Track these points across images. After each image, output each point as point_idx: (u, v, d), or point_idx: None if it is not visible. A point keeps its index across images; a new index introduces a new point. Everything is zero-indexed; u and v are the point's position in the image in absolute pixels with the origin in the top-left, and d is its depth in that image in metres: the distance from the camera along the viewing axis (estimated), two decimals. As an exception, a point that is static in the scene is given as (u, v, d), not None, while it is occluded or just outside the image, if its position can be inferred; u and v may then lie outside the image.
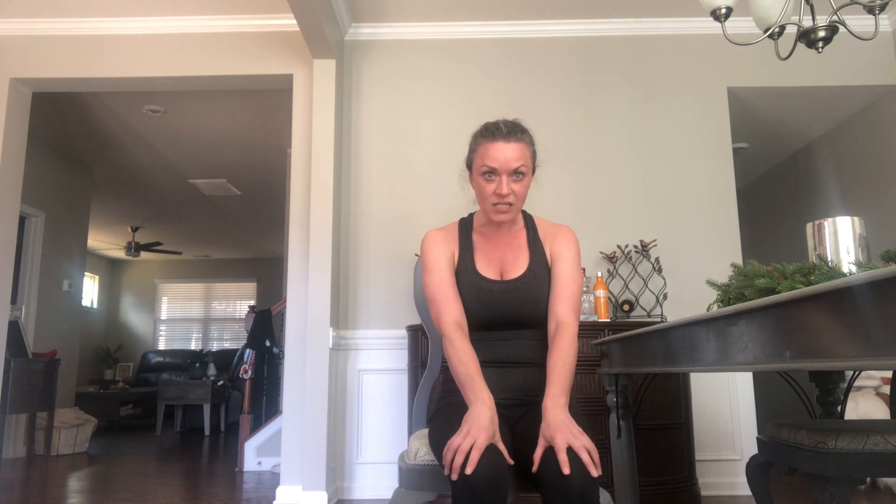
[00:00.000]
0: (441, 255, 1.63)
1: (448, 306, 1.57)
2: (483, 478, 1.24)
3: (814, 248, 1.45)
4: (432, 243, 1.65)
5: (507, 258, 1.66)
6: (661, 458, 2.98)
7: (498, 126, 1.57)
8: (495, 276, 1.64)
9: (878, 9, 1.97)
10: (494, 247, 1.68)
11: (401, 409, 3.46)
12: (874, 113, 4.11)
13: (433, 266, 1.62)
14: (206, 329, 10.76)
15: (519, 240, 1.69)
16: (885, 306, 0.77)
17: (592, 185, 3.67)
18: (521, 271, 1.63)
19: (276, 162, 5.96)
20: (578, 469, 1.27)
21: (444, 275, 1.60)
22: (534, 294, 1.61)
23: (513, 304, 1.60)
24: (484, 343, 1.62)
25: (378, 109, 3.77)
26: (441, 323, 1.57)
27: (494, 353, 1.62)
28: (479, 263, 1.65)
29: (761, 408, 3.88)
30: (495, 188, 1.54)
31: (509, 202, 1.56)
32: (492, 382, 1.53)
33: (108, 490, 3.68)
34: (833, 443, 1.39)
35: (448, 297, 1.58)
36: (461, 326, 1.55)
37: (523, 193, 1.59)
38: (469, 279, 1.63)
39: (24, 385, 4.21)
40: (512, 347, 1.62)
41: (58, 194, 5.78)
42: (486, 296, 1.60)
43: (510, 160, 1.53)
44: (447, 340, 1.53)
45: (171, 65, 3.70)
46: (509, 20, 3.78)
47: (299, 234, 3.48)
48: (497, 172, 1.54)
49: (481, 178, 1.57)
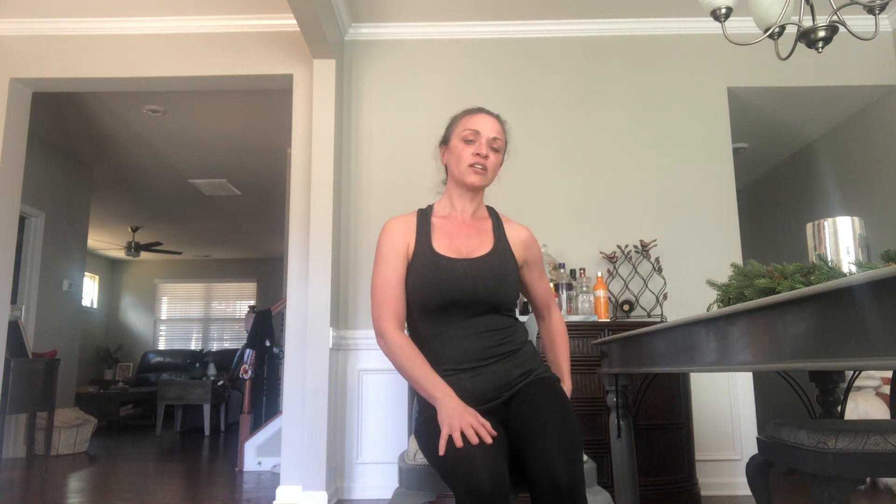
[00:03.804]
0: (394, 248, 1.62)
1: (391, 306, 1.57)
2: (487, 484, 1.25)
3: (814, 248, 1.45)
4: (388, 233, 1.64)
5: (470, 242, 1.66)
6: (661, 458, 2.98)
7: (479, 107, 1.75)
8: (457, 256, 1.62)
9: (878, 9, 1.97)
10: (456, 231, 1.68)
11: (401, 409, 3.46)
12: (874, 113, 4.11)
13: (383, 258, 1.61)
14: (206, 329, 10.75)
15: (483, 227, 1.71)
16: (885, 306, 0.77)
17: (592, 185, 3.67)
18: (485, 251, 1.64)
19: (276, 162, 5.96)
20: (566, 468, 1.29)
21: (392, 271, 1.59)
22: (498, 271, 1.60)
23: (477, 280, 1.57)
24: (447, 337, 1.56)
25: (378, 109, 3.77)
26: (382, 323, 1.55)
27: (458, 349, 1.55)
28: (437, 245, 1.63)
29: (761, 408, 3.88)
30: (475, 149, 1.65)
31: (486, 165, 1.65)
32: (462, 392, 1.47)
33: (108, 490, 3.68)
34: (833, 443, 1.39)
35: (392, 296, 1.57)
36: (399, 324, 1.57)
37: (495, 166, 1.69)
38: (427, 258, 1.60)
39: (24, 385, 4.20)
40: (474, 340, 1.56)
41: (58, 194, 5.78)
42: (446, 273, 1.57)
43: (490, 129, 1.67)
44: (390, 343, 1.53)
45: (171, 65, 3.70)
46: (509, 20, 3.78)
47: (299, 234, 3.47)
48: (478, 136, 1.66)
49: (461, 143, 1.67)
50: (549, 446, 1.34)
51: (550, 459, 1.31)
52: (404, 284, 1.60)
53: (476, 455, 1.30)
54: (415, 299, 1.59)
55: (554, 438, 1.36)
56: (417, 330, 1.62)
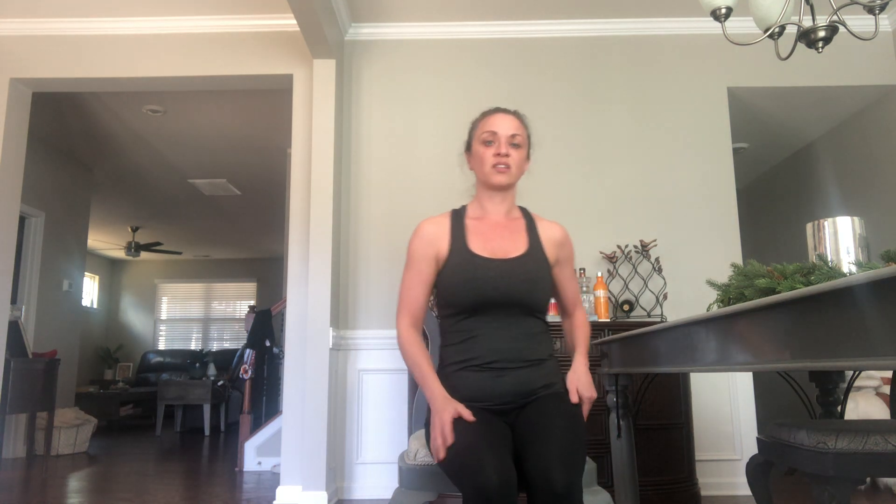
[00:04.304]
0: (422, 251, 1.66)
1: (408, 306, 1.64)
2: (494, 483, 1.27)
3: (814, 248, 1.45)
4: (418, 236, 1.68)
5: (503, 242, 1.66)
6: (661, 458, 2.98)
7: (496, 107, 1.75)
8: (492, 256, 1.63)
9: (878, 9, 1.97)
10: (490, 232, 1.68)
11: (401, 409, 3.46)
12: (874, 113, 4.11)
13: (411, 261, 1.67)
14: (206, 329, 10.75)
15: (517, 227, 1.71)
16: (885, 306, 0.77)
17: (592, 185, 3.67)
18: (519, 252, 1.64)
19: (276, 162, 5.96)
20: (562, 472, 1.30)
21: (415, 273, 1.65)
22: (532, 274, 1.61)
23: (510, 280, 1.58)
24: (476, 335, 1.58)
25: (378, 109, 3.77)
26: (398, 319, 1.65)
27: (487, 348, 1.57)
28: (472, 244, 1.64)
29: (761, 408, 3.88)
30: (495, 150, 1.65)
31: (508, 163, 1.64)
32: (487, 388, 1.53)
33: (108, 490, 3.68)
34: (833, 443, 1.39)
35: (411, 297, 1.64)
36: (417, 328, 1.65)
37: (519, 162, 1.69)
38: (463, 257, 1.62)
39: (24, 385, 4.21)
40: (505, 341, 1.57)
41: (58, 194, 5.78)
42: (481, 272, 1.59)
43: (508, 127, 1.67)
44: (400, 339, 1.63)
45: (171, 65, 3.70)
46: (509, 20, 3.78)
47: (299, 234, 3.47)
48: (496, 136, 1.66)
49: (481, 146, 1.68)
50: (548, 449, 1.35)
51: (548, 462, 1.32)
52: (426, 287, 1.65)
53: (484, 454, 1.32)
54: (449, 297, 1.63)
55: (555, 443, 1.36)
56: (450, 326, 1.64)
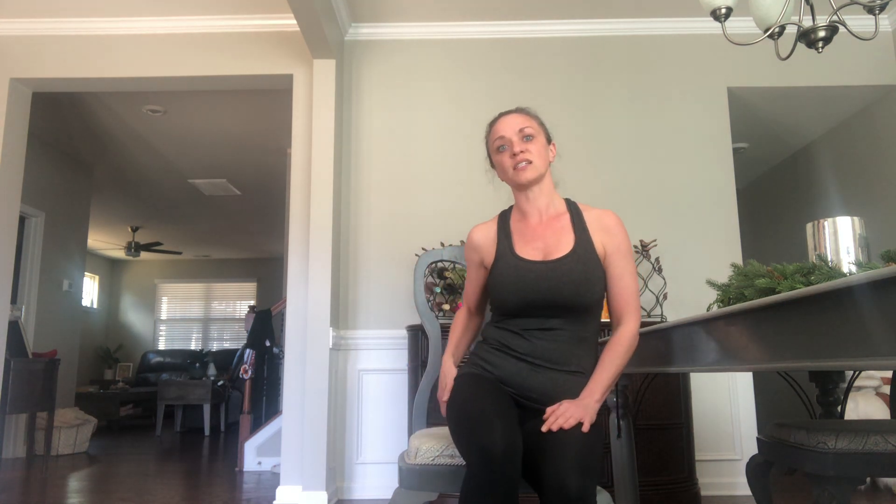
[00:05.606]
0: (470, 258, 1.78)
1: (468, 302, 1.85)
2: (500, 447, 1.31)
3: (814, 248, 1.45)
4: (467, 244, 1.78)
5: (549, 242, 1.64)
6: (661, 458, 2.98)
7: (499, 112, 1.78)
8: (537, 258, 1.62)
9: (878, 9, 1.96)
10: (532, 233, 1.67)
11: (401, 409, 3.46)
12: (874, 113, 4.11)
13: (467, 265, 1.83)
14: (206, 329, 10.75)
15: (562, 224, 1.67)
16: (885, 306, 0.77)
17: (592, 185, 3.66)
18: (564, 252, 1.61)
19: (276, 162, 5.96)
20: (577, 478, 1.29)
21: (470, 277, 1.81)
22: (576, 275, 1.56)
23: (553, 282, 1.56)
24: (522, 334, 1.60)
25: (378, 109, 3.77)
26: (460, 309, 1.89)
27: (530, 345, 1.59)
28: (518, 247, 1.65)
29: (761, 408, 3.88)
30: (509, 152, 1.66)
31: (526, 158, 1.63)
32: (519, 377, 1.58)
33: (108, 490, 3.68)
34: (833, 443, 1.39)
35: (468, 296, 1.84)
36: (470, 311, 1.85)
37: (540, 152, 1.67)
38: (508, 262, 1.63)
39: (24, 385, 4.21)
40: (546, 342, 1.57)
41: (58, 194, 5.78)
42: (524, 275, 1.58)
43: (514, 125, 1.68)
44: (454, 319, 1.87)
45: (171, 65, 3.70)
46: (509, 20, 3.78)
47: (299, 234, 3.47)
48: (506, 139, 1.67)
49: (498, 154, 1.69)
50: (563, 455, 1.34)
51: (563, 468, 1.31)
52: (478, 288, 1.80)
53: (493, 419, 1.37)
54: (495, 300, 1.66)
55: (570, 448, 1.35)
56: (501, 324, 1.66)
